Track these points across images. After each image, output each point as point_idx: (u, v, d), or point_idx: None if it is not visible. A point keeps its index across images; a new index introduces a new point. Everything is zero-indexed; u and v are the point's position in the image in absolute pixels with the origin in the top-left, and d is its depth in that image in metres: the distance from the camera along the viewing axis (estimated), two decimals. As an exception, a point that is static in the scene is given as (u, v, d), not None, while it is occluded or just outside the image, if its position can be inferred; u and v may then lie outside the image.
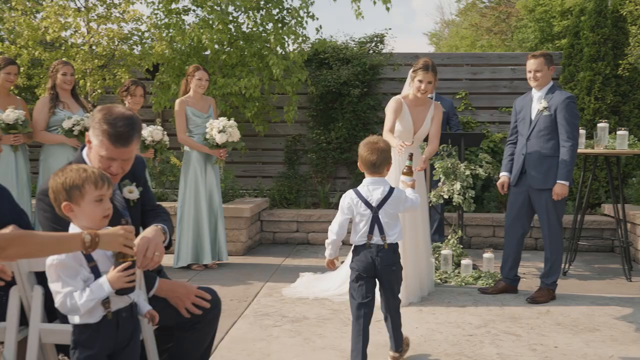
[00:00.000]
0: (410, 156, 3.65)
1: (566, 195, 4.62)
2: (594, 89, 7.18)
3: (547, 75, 4.74)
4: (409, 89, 4.79)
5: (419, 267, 4.75)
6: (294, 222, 7.29)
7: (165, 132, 5.89)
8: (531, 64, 4.75)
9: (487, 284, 5.17)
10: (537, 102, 4.77)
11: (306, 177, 8.44)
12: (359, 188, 3.37)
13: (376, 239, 3.27)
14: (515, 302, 4.71)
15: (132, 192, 2.75)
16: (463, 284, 5.23)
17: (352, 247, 3.37)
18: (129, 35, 7.26)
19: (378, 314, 3.47)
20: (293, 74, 7.34)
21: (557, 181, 4.60)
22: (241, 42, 7.37)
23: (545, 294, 4.74)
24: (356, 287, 3.30)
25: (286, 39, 7.24)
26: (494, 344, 3.77)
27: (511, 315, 4.36)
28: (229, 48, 7.32)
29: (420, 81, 4.62)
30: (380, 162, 3.30)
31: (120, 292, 2.22)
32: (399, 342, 3.43)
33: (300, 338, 3.85)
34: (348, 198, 3.35)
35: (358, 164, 3.42)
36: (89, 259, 2.22)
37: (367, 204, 3.30)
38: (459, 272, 5.41)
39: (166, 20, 7.20)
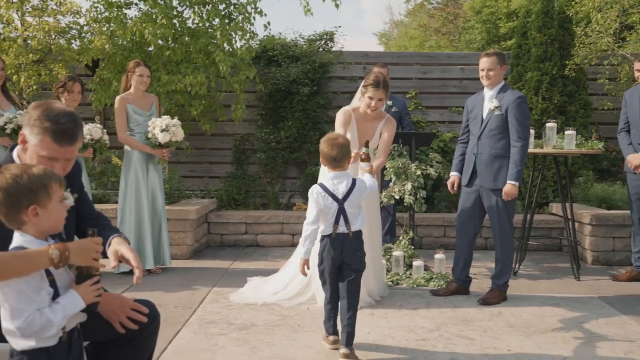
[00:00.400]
0: (366, 143, 3.90)
1: (516, 195, 4.58)
2: (542, 89, 7.24)
3: (499, 74, 4.69)
4: (359, 102, 4.56)
5: (372, 269, 4.62)
6: (243, 224, 7.08)
7: (105, 131, 5.60)
8: (484, 62, 4.69)
9: (438, 285, 5.10)
10: (489, 101, 4.72)
11: (255, 177, 8.23)
12: (324, 182, 3.58)
13: (342, 228, 3.51)
14: (467, 304, 4.65)
15: (67, 199, 2.53)
16: (415, 285, 5.15)
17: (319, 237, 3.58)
18: (67, 29, 6.89)
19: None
20: (241, 72, 7.12)
21: (507, 181, 4.56)
22: (187, 38, 7.10)
23: (497, 295, 4.70)
24: (322, 276, 3.62)
25: (233, 35, 7.01)
26: (447, 348, 3.67)
27: (463, 318, 4.29)
28: (173, 44, 7.04)
29: (371, 98, 4.39)
30: (341, 157, 3.52)
31: (89, 307, 2.02)
32: (350, 337, 3.44)
33: (247, 347, 3.67)
34: (315, 191, 3.54)
35: (320, 159, 3.64)
36: (47, 272, 1.98)
37: (334, 196, 3.52)
38: (410, 274, 5.32)
39: (107, 13, 6.87)
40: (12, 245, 1.99)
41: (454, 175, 4.92)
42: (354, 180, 3.57)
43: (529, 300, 4.78)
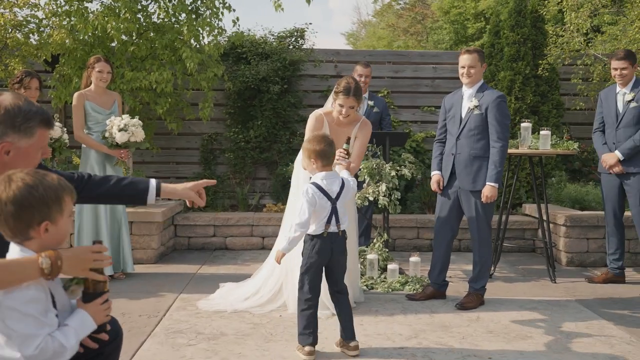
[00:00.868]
0: (348, 139, 3.95)
1: (495, 197, 4.47)
2: (515, 89, 7.18)
3: (480, 72, 4.56)
4: (332, 107, 4.34)
5: (346, 273, 4.45)
6: (211, 226, 6.84)
7: (65, 130, 5.31)
8: (465, 59, 4.54)
9: (414, 289, 4.96)
10: (468, 100, 4.59)
11: (224, 178, 7.99)
12: (317, 182, 3.51)
13: (333, 227, 3.52)
14: (445, 309, 4.51)
15: None
16: (390, 290, 4.99)
17: (304, 237, 3.53)
18: (24, 22, 6.54)
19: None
20: (209, 69, 6.88)
21: (487, 183, 4.44)
22: (152, 34, 6.83)
23: (474, 299, 4.57)
24: (306, 278, 3.52)
25: (201, 31, 6.76)
26: (426, 356, 3.52)
27: (441, 324, 4.15)
28: (138, 39, 6.76)
29: (341, 105, 4.17)
30: (332, 152, 3.54)
31: (99, 329, 1.82)
32: (351, 329, 3.55)
33: (217, 358, 3.46)
34: (311, 192, 3.47)
35: (308, 161, 3.55)
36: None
37: (328, 196, 3.49)
38: (385, 278, 5.17)
39: (67, 7, 6.55)
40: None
41: (436, 174, 4.75)
42: (343, 180, 3.60)
43: (507, 304, 4.67)
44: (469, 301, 4.55)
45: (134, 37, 6.77)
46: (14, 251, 1.77)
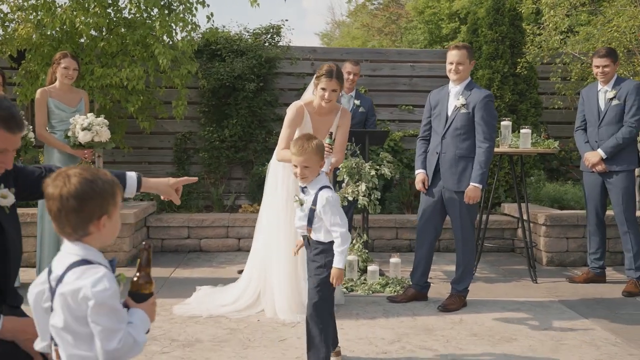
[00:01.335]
0: (330, 134, 3.91)
1: (478, 199, 4.37)
2: (493, 87, 7.12)
3: (468, 69, 4.44)
4: (313, 95, 4.26)
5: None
6: (185, 228, 6.64)
7: (32, 128, 5.07)
8: (454, 55, 4.41)
9: (395, 291, 4.85)
10: (454, 98, 4.48)
11: (198, 178, 7.77)
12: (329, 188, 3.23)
13: None
14: (427, 311, 4.40)
15: (7, 197, 2.27)
16: (370, 292, 4.87)
17: (322, 247, 3.17)
18: (-12, 17, 6.28)
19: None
20: (182, 66, 6.68)
21: (470, 183, 4.34)
22: (123, 29, 6.60)
23: (457, 301, 4.47)
24: (329, 287, 3.16)
25: (174, 27, 6.56)
26: (411, 362, 3.41)
27: (424, 327, 4.03)
28: (108, 35, 6.53)
29: (324, 89, 4.08)
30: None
31: None
32: (333, 334, 3.36)
33: (192, 368, 3.29)
34: (337, 198, 3.21)
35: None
36: None
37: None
38: (365, 279, 5.05)
39: (33, 0, 6.29)
40: (72, 260, 1.70)
41: (421, 172, 4.60)
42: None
43: (490, 305, 4.58)
44: (451, 303, 4.45)
45: (104, 33, 6.54)
46: (75, 249, 1.72)
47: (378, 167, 5.19)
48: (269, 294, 4.28)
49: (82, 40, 6.51)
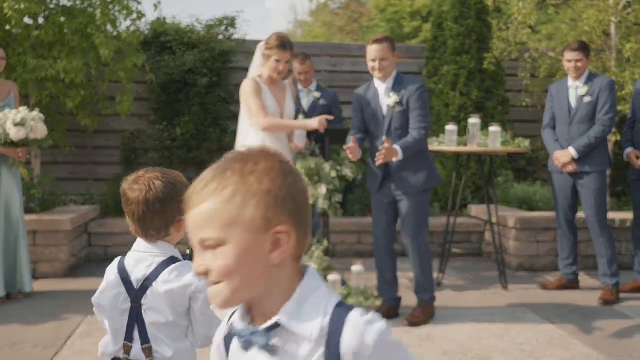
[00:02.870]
0: (305, 113, 4.13)
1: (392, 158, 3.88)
2: (459, 84, 6.80)
3: (392, 63, 4.03)
4: (262, 69, 4.13)
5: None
6: (130, 234, 6.09)
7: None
8: (374, 50, 3.95)
9: (358, 302, 4.45)
10: (385, 96, 4.07)
11: (147, 179, 7.25)
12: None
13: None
14: (393, 325, 4.00)
15: None
16: (331, 304, 4.46)
17: None
18: None
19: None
20: (127, 58, 6.15)
21: (395, 146, 3.87)
22: (62, 19, 6.03)
23: (422, 313, 4.07)
24: None
25: (117, 15, 6.04)
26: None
27: (390, 344, 3.64)
28: (44, 23, 5.96)
29: (278, 61, 3.99)
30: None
31: None
32: None
33: (123, 402, 2.82)
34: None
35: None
36: None
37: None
38: (325, 290, 4.63)
39: (-42, -16, 5.69)
40: (160, 259, 1.80)
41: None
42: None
43: (460, 317, 4.22)
44: (416, 316, 4.05)
45: (39, 21, 5.97)
46: (154, 250, 1.80)
47: (339, 167, 4.79)
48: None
49: (9, 27, 5.89)
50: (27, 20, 5.88)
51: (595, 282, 5.23)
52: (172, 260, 1.79)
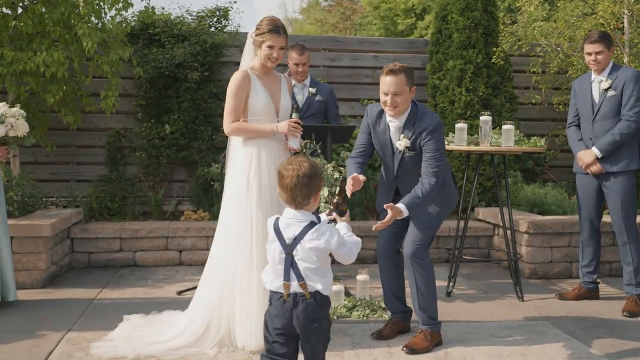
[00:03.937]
0: (297, 109, 3.78)
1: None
2: (465, 80, 6.44)
3: (408, 99, 3.51)
4: (255, 58, 3.72)
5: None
6: (117, 239, 5.71)
7: None
8: (388, 83, 3.43)
9: (364, 315, 4.11)
10: (396, 133, 3.60)
11: (134, 180, 6.84)
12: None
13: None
14: (403, 342, 3.63)
15: None
16: (335, 317, 4.10)
17: None
18: None
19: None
20: (112, 50, 5.75)
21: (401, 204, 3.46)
22: (44, 10, 5.62)
23: (425, 340, 3.54)
24: None
25: (102, 5, 5.63)
26: (393, 420, 2.64)
27: (404, 366, 3.29)
28: (23, 12, 5.55)
29: (271, 47, 3.57)
30: None
31: None
32: None
33: None
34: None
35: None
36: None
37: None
38: (328, 302, 4.26)
39: None
40: (304, 223, 2.49)
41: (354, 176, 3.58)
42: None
43: (475, 332, 3.86)
44: (417, 341, 3.56)
45: (18, 10, 5.55)
46: (299, 216, 2.50)
47: (342, 169, 4.43)
48: (224, 325, 3.48)
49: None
50: (5, 9, 5.47)
51: (614, 290, 4.91)
52: (312, 224, 2.47)
